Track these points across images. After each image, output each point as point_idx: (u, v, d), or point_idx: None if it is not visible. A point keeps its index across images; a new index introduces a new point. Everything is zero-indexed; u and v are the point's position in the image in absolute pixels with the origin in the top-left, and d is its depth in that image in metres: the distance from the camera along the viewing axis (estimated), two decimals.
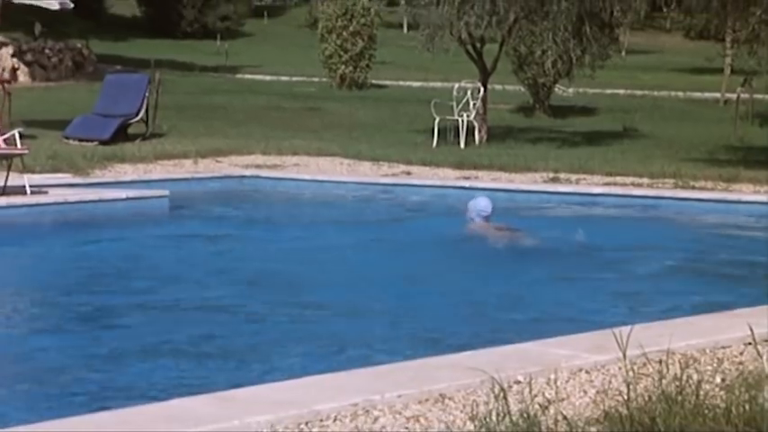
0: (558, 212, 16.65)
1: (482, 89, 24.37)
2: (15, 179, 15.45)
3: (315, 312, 10.68)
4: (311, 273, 12.81)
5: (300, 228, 15.68)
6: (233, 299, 11.39)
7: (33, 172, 16.05)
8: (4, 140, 15.58)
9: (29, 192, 15.36)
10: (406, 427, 6.15)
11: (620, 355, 7.06)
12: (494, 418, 5.84)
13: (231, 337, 9.56)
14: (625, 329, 7.28)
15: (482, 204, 14.20)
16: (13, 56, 33.04)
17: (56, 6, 23.81)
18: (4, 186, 15.41)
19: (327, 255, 13.83)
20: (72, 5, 25.84)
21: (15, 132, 15.94)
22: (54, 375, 8.39)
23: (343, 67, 36.01)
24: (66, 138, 21.25)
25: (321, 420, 6.16)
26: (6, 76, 29.50)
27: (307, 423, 6.12)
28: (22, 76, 32.56)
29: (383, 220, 15.96)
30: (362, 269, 13.08)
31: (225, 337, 9.57)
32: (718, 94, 33.42)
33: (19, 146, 15.70)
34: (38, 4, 23.54)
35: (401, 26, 49.18)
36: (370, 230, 15.34)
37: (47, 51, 34.73)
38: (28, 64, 33.45)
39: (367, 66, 36.53)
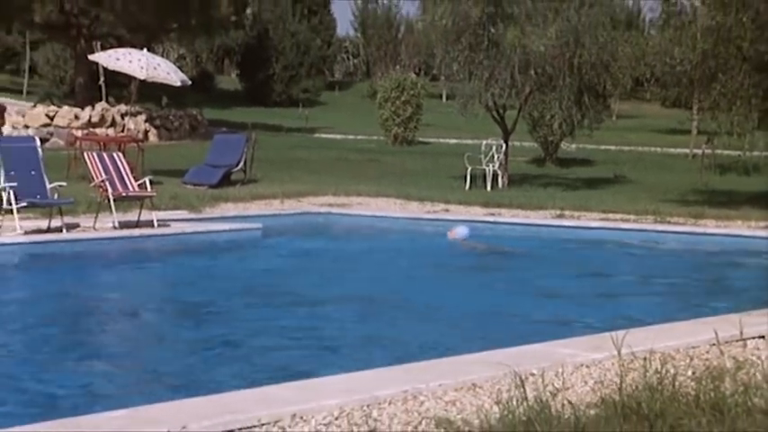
0: (563, 241, 16.55)
1: (504, 145, 24.34)
2: (145, 215, 15.56)
3: (372, 312, 10.78)
4: (371, 281, 12.94)
5: (362, 249, 15.76)
6: (311, 301, 11.47)
7: (159, 209, 16.13)
8: (138, 185, 15.70)
9: (156, 224, 15.46)
10: (446, 410, 6.12)
11: (614, 353, 7.00)
12: (514, 402, 5.80)
13: (305, 332, 9.61)
14: (615, 333, 7.23)
15: (463, 231, 15.63)
16: (146, 121, 33.33)
17: (178, 83, 23.92)
18: (138, 220, 15.51)
19: (382, 268, 13.97)
20: (190, 83, 25.99)
21: (146, 179, 16.05)
22: (190, 361, 8.45)
23: (396, 128, 36.06)
24: (184, 183, 21.37)
25: (379, 404, 6.14)
26: (140, 136, 29.74)
27: (368, 405, 6.10)
28: (152, 137, 32.84)
29: (423, 244, 15.93)
30: (406, 279, 13.19)
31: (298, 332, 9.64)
32: (687, 150, 33.16)
33: (149, 189, 15.82)
34: (164, 82, 23.69)
35: (441, 96, 49.29)
36: (411, 251, 15.42)
37: (170, 117, 35.01)
38: (156, 127, 33.73)
39: (415, 127, 36.55)
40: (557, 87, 22.97)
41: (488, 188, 22.91)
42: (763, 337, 8.29)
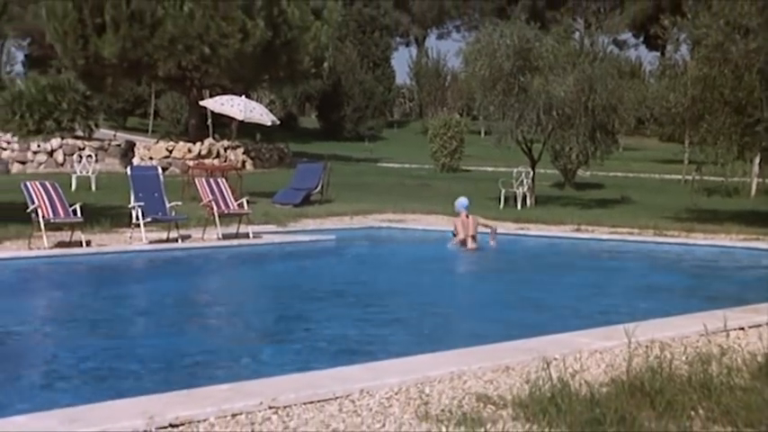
0: (578, 249, 16.44)
1: (531, 172, 24.24)
2: (243, 228, 15.70)
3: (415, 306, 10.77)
4: (422, 277, 13.03)
5: (417, 255, 15.71)
6: (374, 294, 11.62)
7: (253, 224, 16.26)
8: (238, 205, 15.84)
9: (251, 236, 15.59)
10: (485, 387, 6.10)
11: (622, 341, 6.95)
12: (540, 382, 5.78)
13: (371, 323, 9.62)
14: (626, 325, 7.19)
15: (464, 202, 15.65)
16: (243, 153, 33.63)
17: (269, 123, 24.12)
18: (237, 232, 15.66)
19: (434, 269, 13.97)
20: (278, 122, 26.20)
21: (244, 200, 16.20)
22: (281, 347, 8.52)
23: (443, 158, 36.01)
24: (273, 203, 21.52)
25: (431, 382, 6.14)
26: (239, 165, 30.01)
27: (421, 383, 6.10)
28: (248, 166, 33.11)
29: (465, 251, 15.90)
30: (453, 277, 13.35)
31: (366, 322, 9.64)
32: (680, 176, 32.75)
33: (246, 208, 15.96)
34: (258, 122, 23.90)
35: (480, 132, 49.08)
36: (456, 256, 15.32)
37: (263, 150, 35.28)
38: (252, 158, 34.01)
39: (459, 158, 36.47)
40: (574, 125, 22.86)
41: (518, 207, 22.81)
42: (743, 328, 8.22)
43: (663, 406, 5.43)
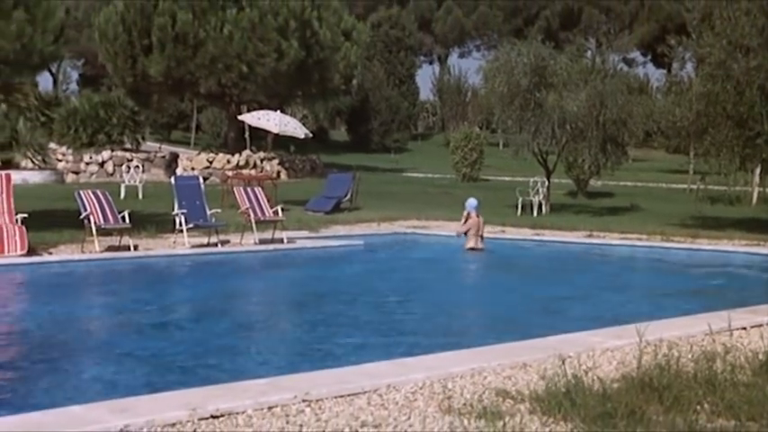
0: (590, 253, 16.36)
1: (546, 182, 24.15)
2: (277, 234, 15.73)
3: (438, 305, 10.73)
4: (442, 279, 13.12)
5: (440, 258, 15.70)
6: (398, 296, 11.53)
7: (287, 229, 16.30)
8: (273, 212, 15.88)
9: (285, 241, 15.62)
10: (503, 382, 6.09)
11: (632, 340, 6.91)
12: (556, 378, 5.76)
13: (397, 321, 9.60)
14: (638, 324, 7.15)
15: (473, 202, 15.72)
16: (278, 164, 33.70)
17: (302, 136, 24.20)
18: (272, 238, 15.70)
19: (456, 270, 14.13)
20: (311, 135, 26.26)
21: (278, 207, 16.24)
22: (319, 341, 8.53)
23: (464, 168, 35.89)
24: (306, 210, 21.54)
25: (453, 378, 6.14)
26: (274, 175, 30.08)
27: (444, 379, 6.10)
28: (283, 176, 33.15)
29: (483, 255, 15.84)
30: (472, 276, 13.38)
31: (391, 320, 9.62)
32: (685, 186, 32.51)
33: (280, 215, 16.00)
34: (292, 135, 23.97)
35: (498, 145, 48.92)
36: (476, 258, 15.32)
37: (296, 161, 35.33)
38: (286, 168, 34.07)
39: (478, 168, 36.33)
40: (586, 138, 22.76)
41: (534, 214, 22.72)
42: (745, 328, 8.16)
43: (670, 401, 5.40)
